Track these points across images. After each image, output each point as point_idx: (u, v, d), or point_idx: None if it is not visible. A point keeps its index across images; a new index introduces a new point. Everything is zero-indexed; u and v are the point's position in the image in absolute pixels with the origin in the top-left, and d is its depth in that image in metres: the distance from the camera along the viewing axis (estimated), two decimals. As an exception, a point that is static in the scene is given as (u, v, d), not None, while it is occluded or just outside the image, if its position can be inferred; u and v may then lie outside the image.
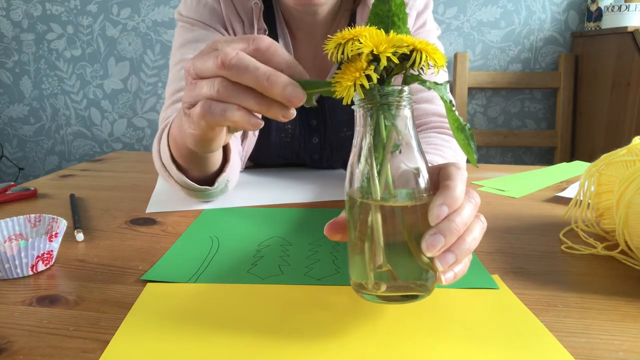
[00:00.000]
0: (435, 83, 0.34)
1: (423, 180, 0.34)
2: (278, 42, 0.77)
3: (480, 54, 2.16)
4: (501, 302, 0.39)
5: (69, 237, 0.53)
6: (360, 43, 0.32)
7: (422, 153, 0.34)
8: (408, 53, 0.32)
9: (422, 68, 0.33)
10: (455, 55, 2.10)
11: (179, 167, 0.58)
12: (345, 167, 0.88)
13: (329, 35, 0.35)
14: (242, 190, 0.72)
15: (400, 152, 0.34)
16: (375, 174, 0.33)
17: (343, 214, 0.37)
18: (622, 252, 0.48)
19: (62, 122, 2.45)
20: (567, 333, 0.35)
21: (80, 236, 0.53)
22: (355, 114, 0.35)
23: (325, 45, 0.35)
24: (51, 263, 0.47)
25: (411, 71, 0.34)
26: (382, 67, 0.32)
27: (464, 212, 0.33)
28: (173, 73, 0.73)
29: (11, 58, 2.39)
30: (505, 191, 0.74)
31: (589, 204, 0.55)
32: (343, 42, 0.33)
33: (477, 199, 0.36)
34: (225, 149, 0.61)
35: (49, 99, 2.42)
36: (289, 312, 0.38)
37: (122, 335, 0.35)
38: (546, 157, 2.27)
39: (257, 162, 0.90)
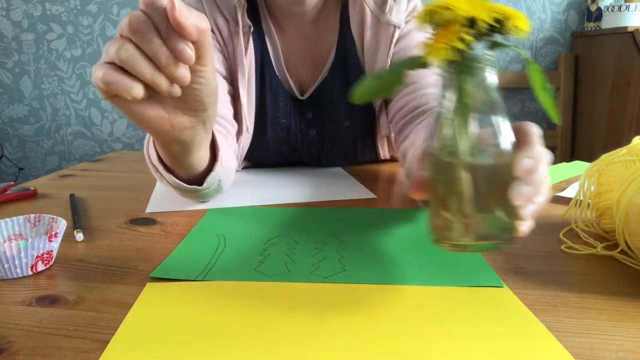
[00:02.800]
0: (516, 47, 0.36)
1: (504, 138, 0.36)
2: (264, 38, 0.77)
3: (480, 54, 2.16)
4: (501, 302, 0.39)
5: (68, 237, 0.53)
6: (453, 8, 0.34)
7: (505, 113, 0.36)
8: (500, 19, 0.34)
9: (508, 35, 0.35)
10: (455, 55, 2.10)
11: (166, 168, 0.57)
12: (344, 162, 0.88)
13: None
14: (246, 190, 0.72)
15: (484, 112, 0.36)
16: (460, 134, 0.35)
17: (421, 172, 0.38)
18: (622, 252, 0.48)
19: (62, 122, 2.45)
20: (567, 333, 0.35)
21: (80, 236, 0.53)
22: (441, 76, 0.37)
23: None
24: (51, 263, 0.47)
25: (497, 38, 0.36)
26: (477, 30, 0.34)
27: (544, 165, 0.36)
28: None
29: (11, 58, 2.39)
30: (505, 191, 0.73)
31: (589, 204, 0.55)
32: (435, 9, 0.35)
33: (549, 155, 0.38)
34: (214, 148, 0.59)
35: (49, 99, 2.42)
36: (290, 312, 0.38)
37: (122, 336, 0.35)
38: (546, 157, 2.27)
39: (255, 161, 0.89)
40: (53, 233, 0.45)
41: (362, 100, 0.40)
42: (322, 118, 0.82)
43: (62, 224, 0.48)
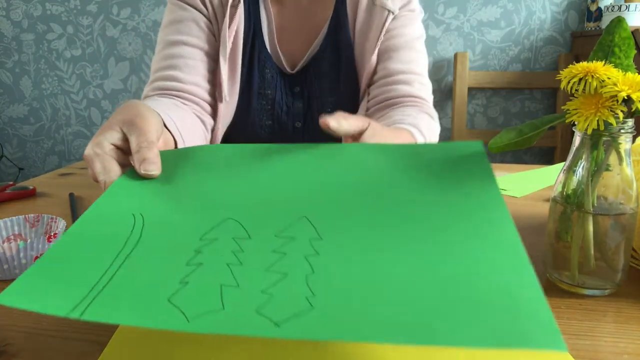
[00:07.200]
0: None
1: (629, 197, 0.39)
2: (259, 10, 0.79)
3: (480, 54, 2.16)
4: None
5: (68, 237, 0.53)
6: (613, 85, 0.36)
7: (632, 175, 0.39)
8: None
9: None
10: (455, 55, 2.10)
11: None
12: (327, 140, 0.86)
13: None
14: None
15: (612, 171, 0.39)
16: (590, 190, 0.39)
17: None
18: (625, 253, 0.48)
19: (62, 122, 2.44)
20: (571, 335, 0.35)
21: (79, 237, 0.53)
22: (575, 135, 0.41)
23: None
24: (50, 264, 0.46)
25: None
26: (634, 109, 0.36)
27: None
28: (156, 52, 0.79)
29: (11, 58, 2.39)
30: (507, 190, 0.73)
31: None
32: (582, 75, 0.38)
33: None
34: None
35: (49, 99, 2.42)
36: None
37: (119, 338, 0.34)
38: (546, 157, 2.27)
39: (238, 134, 0.85)
40: (52, 233, 0.45)
41: (499, 150, 0.46)
42: (309, 92, 0.82)
43: (61, 224, 0.47)
